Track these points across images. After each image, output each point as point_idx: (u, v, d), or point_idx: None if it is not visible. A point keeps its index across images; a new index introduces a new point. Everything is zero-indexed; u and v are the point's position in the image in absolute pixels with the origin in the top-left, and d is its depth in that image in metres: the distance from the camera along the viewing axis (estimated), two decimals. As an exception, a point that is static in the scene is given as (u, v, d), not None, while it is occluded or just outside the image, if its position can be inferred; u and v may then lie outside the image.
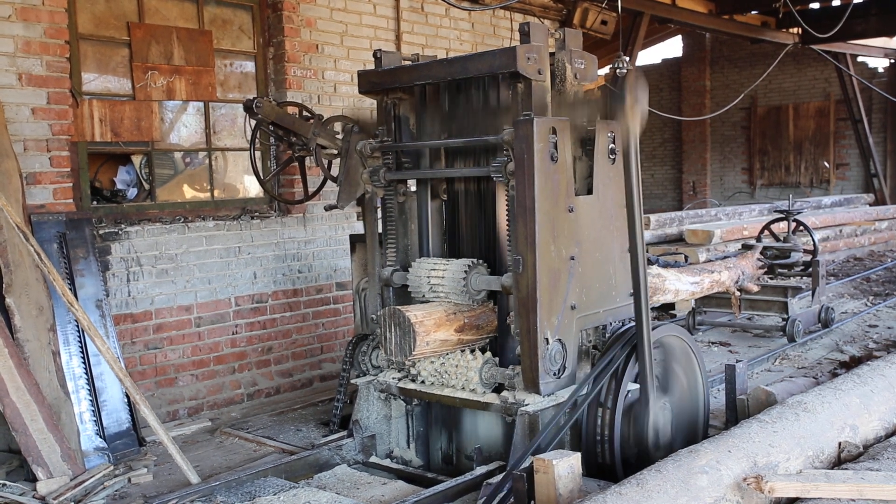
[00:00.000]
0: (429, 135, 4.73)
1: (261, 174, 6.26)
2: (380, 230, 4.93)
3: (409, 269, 4.62)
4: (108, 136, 5.80)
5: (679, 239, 10.79)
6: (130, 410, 5.08)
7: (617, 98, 3.93)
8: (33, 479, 4.38)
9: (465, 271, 4.35)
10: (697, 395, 4.64)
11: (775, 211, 9.12)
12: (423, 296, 4.51)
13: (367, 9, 7.23)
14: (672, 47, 19.76)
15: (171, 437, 4.59)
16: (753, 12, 13.69)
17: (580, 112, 4.30)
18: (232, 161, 6.82)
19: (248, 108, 5.58)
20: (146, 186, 6.41)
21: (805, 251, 7.97)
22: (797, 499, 3.21)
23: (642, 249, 4.03)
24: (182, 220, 6.09)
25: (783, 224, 8.27)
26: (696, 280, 6.17)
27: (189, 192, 6.63)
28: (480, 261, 4.47)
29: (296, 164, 6.17)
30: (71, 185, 5.41)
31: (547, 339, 4.04)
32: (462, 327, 4.37)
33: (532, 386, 4.10)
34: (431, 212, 4.77)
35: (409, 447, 4.79)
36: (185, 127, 6.55)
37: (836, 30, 11.99)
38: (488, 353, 4.44)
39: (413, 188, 4.85)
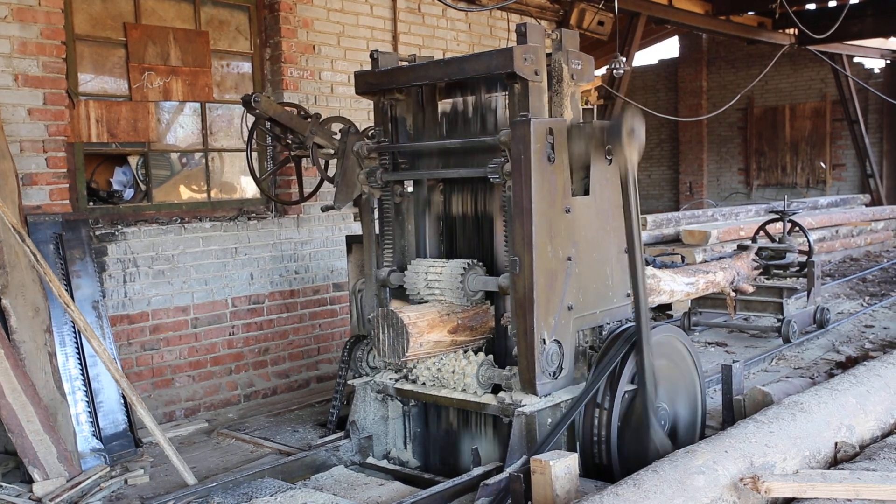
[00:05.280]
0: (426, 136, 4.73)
1: (257, 173, 6.25)
2: (376, 231, 4.93)
3: (406, 269, 4.62)
4: (105, 136, 5.79)
5: (676, 239, 10.82)
6: (127, 411, 5.08)
7: (614, 132, 3.90)
8: (29, 481, 4.38)
9: (463, 271, 4.35)
10: (694, 396, 4.65)
11: (771, 212, 9.12)
12: (419, 294, 4.52)
13: (363, 9, 7.23)
14: (669, 48, 19.80)
15: (168, 439, 4.58)
16: (750, 13, 13.72)
17: (579, 145, 4.24)
18: (228, 162, 6.81)
19: (247, 102, 5.56)
20: (143, 187, 6.40)
21: (800, 252, 7.97)
22: (794, 499, 3.21)
23: (642, 278, 4.00)
24: (179, 220, 6.08)
25: (779, 225, 8.27)
26: (691, 281, 6.17)
27: (186, 193, 6.62)
28: (477, 261, 4.47)
29: (292, 164, 6.16)
30: (67, 186, 5.40)
31: (544, 340, 4.04)
32: (456, 328, 4.36)
33: (529, 387, 4.10)
34: (428, 213, 4.78)
35: (406, 448, 4.79)
36: (181, 128, 6.54)
37: (832, 30, 12.02)
38: (482, 354, 4.44)
39: (410, 189, 4.85)
